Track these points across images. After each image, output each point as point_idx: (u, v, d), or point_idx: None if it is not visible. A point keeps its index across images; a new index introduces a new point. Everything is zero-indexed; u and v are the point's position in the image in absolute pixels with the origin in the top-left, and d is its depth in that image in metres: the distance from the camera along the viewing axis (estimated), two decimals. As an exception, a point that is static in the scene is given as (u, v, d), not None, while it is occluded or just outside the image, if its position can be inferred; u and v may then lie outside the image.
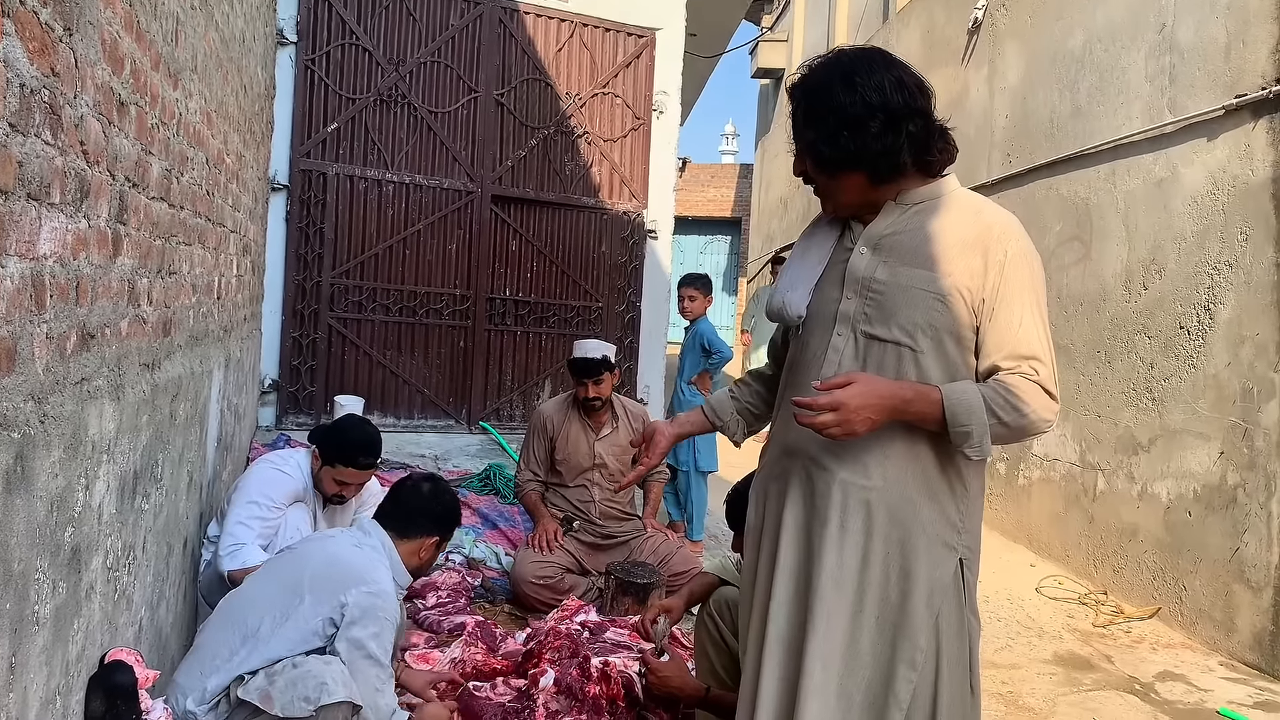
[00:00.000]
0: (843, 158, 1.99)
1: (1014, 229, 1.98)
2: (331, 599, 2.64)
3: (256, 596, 2.71)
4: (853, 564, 1.98)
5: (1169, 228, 5.33)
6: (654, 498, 5.00)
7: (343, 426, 3.64)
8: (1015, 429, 1.91)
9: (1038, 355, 1.92)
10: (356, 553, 2.79)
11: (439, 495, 3.01)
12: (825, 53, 2.09)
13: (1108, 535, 5.73)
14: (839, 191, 2.06)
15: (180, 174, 2.84)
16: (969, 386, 1.91)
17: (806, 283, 2.13)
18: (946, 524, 1.98)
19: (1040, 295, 1.97)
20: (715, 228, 21.45)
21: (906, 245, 2.00)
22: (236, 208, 4.37)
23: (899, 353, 1.98)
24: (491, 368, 7.23)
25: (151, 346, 2.54)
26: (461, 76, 7.00)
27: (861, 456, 1.98)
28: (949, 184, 2.06)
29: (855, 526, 1.98)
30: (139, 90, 2.21)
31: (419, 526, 2.94)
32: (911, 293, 1.96)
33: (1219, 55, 4.97)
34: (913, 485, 1.97)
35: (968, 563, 2.00)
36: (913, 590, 1.94)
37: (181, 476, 3.10)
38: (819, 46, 14.30)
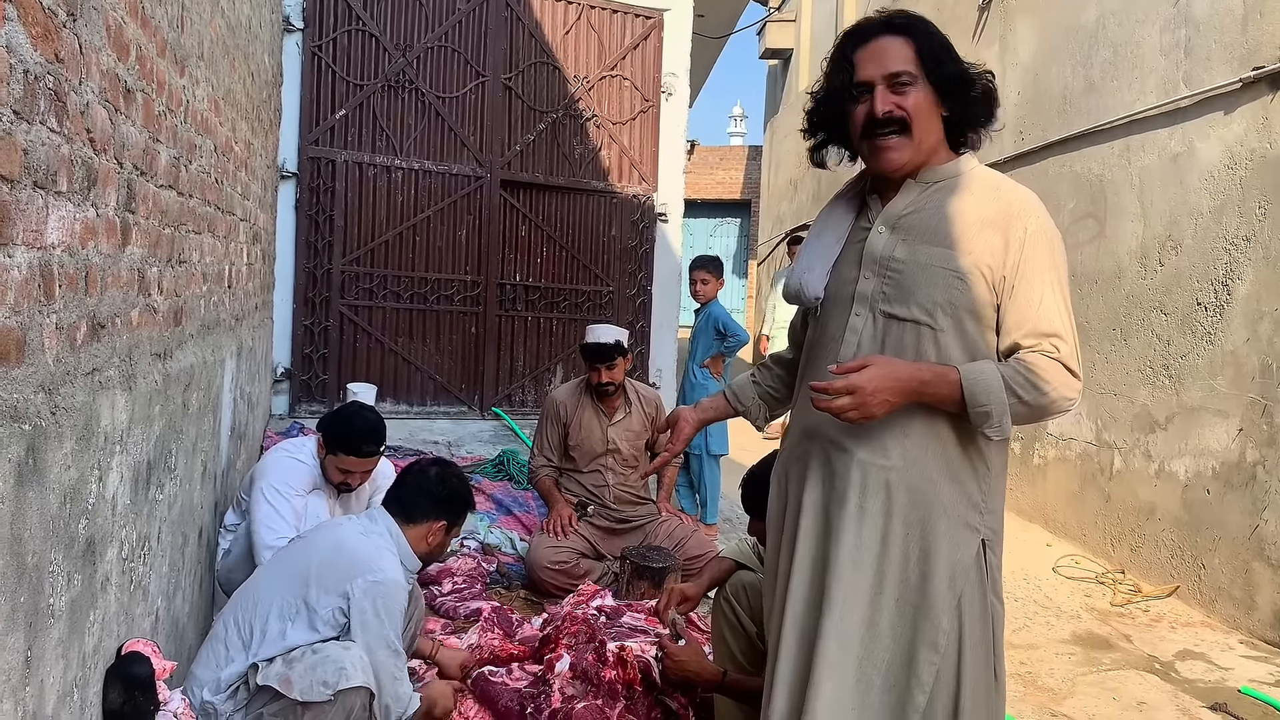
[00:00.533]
0: (957, 102, 1.98)
1: (1034, 205, 1.96)
2: (337, 588, 2.64)
3: (268, 586, 2.70)
4: (872, 545, 1.96)
5: (1185, 203, 5.27)
6: (668, 481, 4.99)
7: (343, 415, 3.61)
8: (1036, 408, 1.89)
9: (1059, 332, 1.89)
10: (362, 540, 2.77)
11: (445, 479, 2.98)
12: (902, 9, 2.08)
13: (1125, 514, 5.70)
14: (930, 136, 1.99)
15: (189, 162, 2.82)
16: (987, 366, 1.88)
17: (824, 263, 2.10)
18: (968, 504, 1.95)
19: (1061, 272, 1.95)
20: (725, 210, 21.37)
21: (926, 224, 1.98)
22: (246, 195, 4.35)
23: (918, 332, 1.95)
24: (503, 353, 7.22)
25: (163, 336, 2.52)
26: (469, 61, 6.97)
27: (880, 436, 1.95)
28: (967, 162, 2.04)
29: (874, 507, 1.96)
30: (145, 77, 2.19)
31: (424, 511, 2.91)
32: (931, 271, 1.94)
33: (1235, 27, 4.90)
34: (933, 465, 1.94)
35: (990, 544, 1.98)
36: (934, 571, 1.92)
37: (195, 466, 3.10)
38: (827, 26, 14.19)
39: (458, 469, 3.09)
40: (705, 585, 3.10)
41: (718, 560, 3.16)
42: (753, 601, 3.01)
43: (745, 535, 3.16)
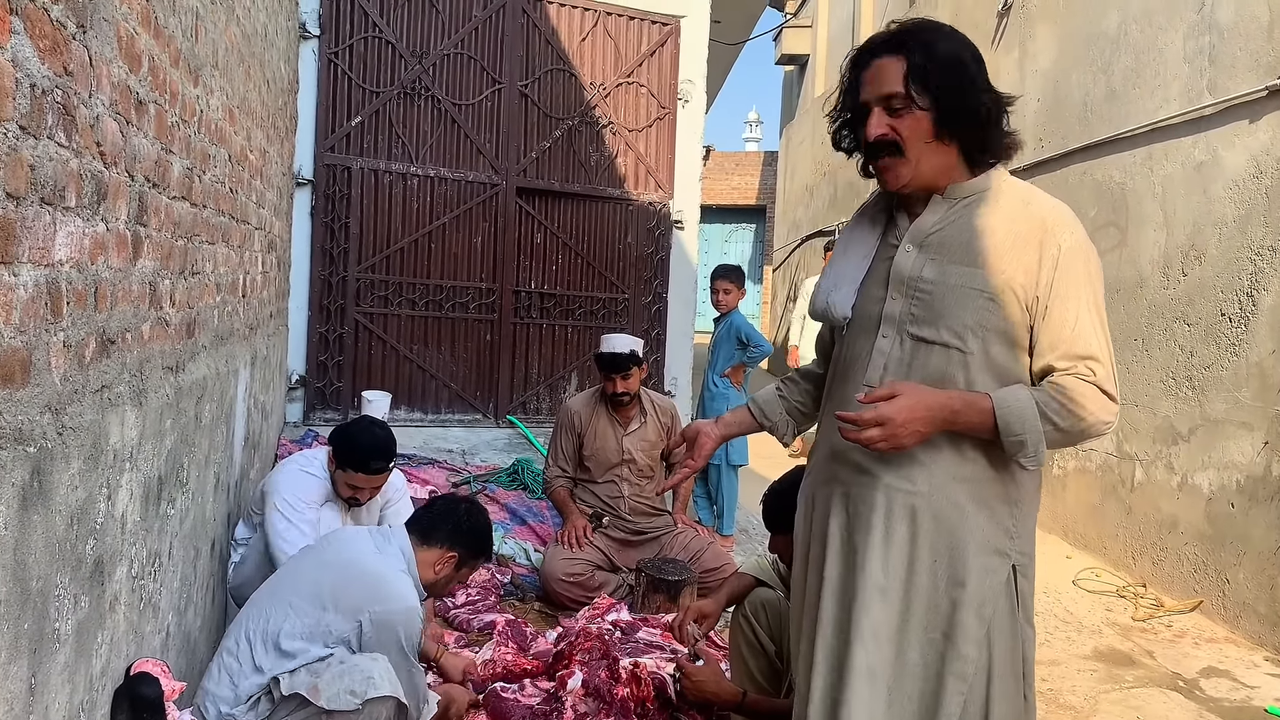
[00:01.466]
0: (959, 111, 1.89)
1: (1067, 221, 1.90)
2: (354, 615, 2.61)
3: (282, 600, 2.66)
4: (899, 573, 1.91)
5: (1209, 212, 5.19)
6: (684, 493, 4.94)
7: (352, 431, 3.57)
8: (1072, 433, 1.84)
9: (1094, 354, 1.83)
10: (376, 561, 2.74)
11: (471, 514, 2.96)
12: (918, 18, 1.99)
13: (1146, 527, 5.62)
14: (928, 156, 1.91)
15: (202, 172, 2.80)
16: (1020, 392, 1.83)
17: (851, 282, 2.05)
18: (999, 530, 1.90)
19: (1097, 290, 1.88)
20: (740, 216, 21.32)
21: (955, 242, 1.92)
22: (261, 204, 4.33)
23: (947, 355, 1.89)
24: (518, 361, 7.19)
25: (175, 349, 2.50)
26: (485, 68, 6.94)
27: (906, 462, 1.91)
28: (996, 176, 1.97)
29: (900, 534, 1.91)
30: (158, 88, 2.16)
31: (441, 536, 2.87)
32: (961, 292, 1.88)
33: (1261, 34, 4.83)
34: (961, 491, 1.89)
35: (1021, 569, 1.92)
36: (963, 599, 1.87)
37: (208, 478, 3.07)
38: (844, 32, 14.14)
39: (484, 511, 3.05)
40: (724, 601, 3.05)
41: (737, 576, 3.11)
42: (772, 620, 2.96)
43: (764, 551, 3.11)
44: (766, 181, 20.39)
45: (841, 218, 12.75)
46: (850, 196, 12.51)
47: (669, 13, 7.48)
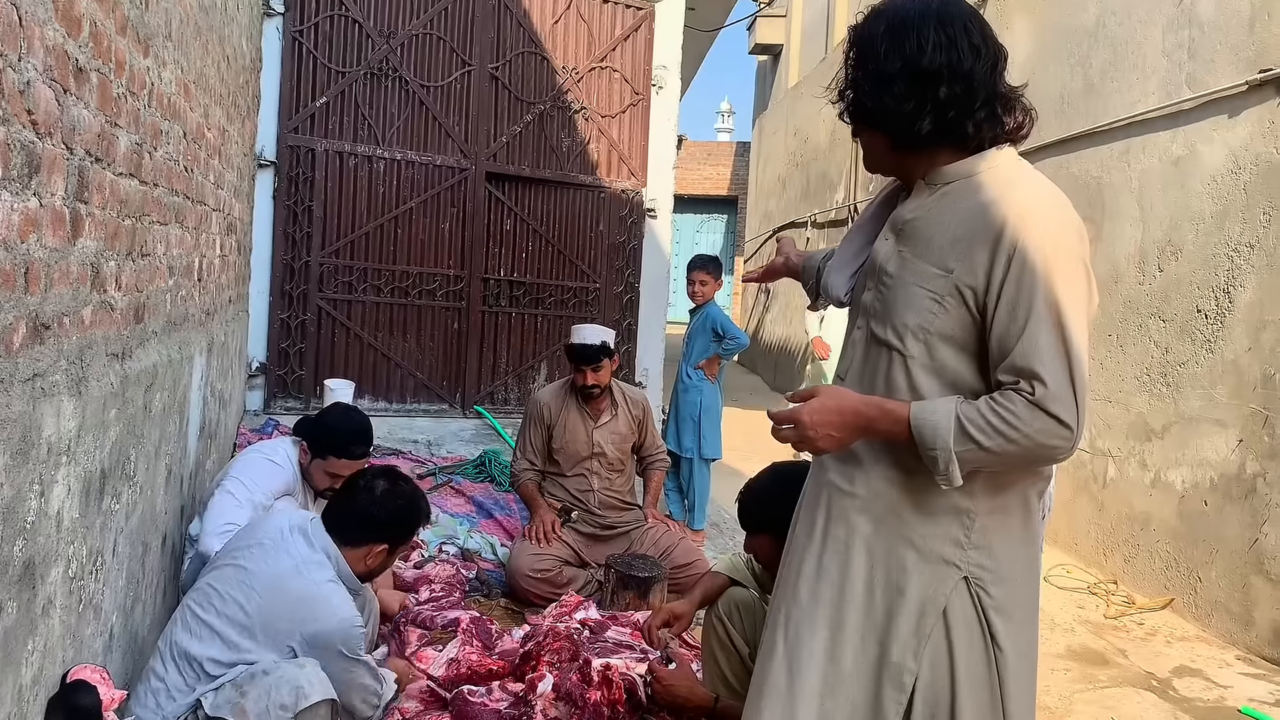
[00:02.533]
0: (862, 113, 1.82)
1: (1039, 215, 1.67)
2: (283, 640, 2.49)
3: (204, 627, 2.50)
4: (832, 574, 1.82)
5: (1186, 208, 5.15)
6: (654, 486, 4.83)
7: (331, 417, 3.47)
8: (1002, 454, 1.64)
9: (1037, 370, 1.61)
10: (300, 582, 2.56)
11: (390, 499, 2.74)
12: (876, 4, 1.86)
13: (1118, 524, 5.59)
14: (867, 149, 1.90)
15: (153, 148, 2.65)
16: (943, 405, 1.67)
17: (849, 266, 1.97)
18: (944, 540, 1.75)
19: (1062, 296, 1.63)
20: (711, 206, 21.25)
21: (922, 234, 1.78)
22: (219, 185, 4.18)
23: (890, 357, 1.78)
24: (486, 350, 7.05)
25: (121, 335, 2.36)
26: (455, 49, 6.78)
27: (850, 463, 1.83)
28: (989, 160, 1.77)
29: (837, 534, 1.83)
30: (101, 55, 2.02)
31: (362, 536, 2.70)
32: (911, 290, 1.75)
33: (1242, 28, 4.79)
34: (901, 498, 1.78)
35: (980, 583, 1.75)
36: (899, 607, 1.76)
37: (159, 471, 2.93)
38: (819, 22, 14.07)
39: (407, 485, 2.83)
40: (697, 602, 2.95)
41: (710, 576, 3.01)
42: (745, 620, 2.87)
43: (738, 549, 3.01)
44: (738, 172, 20.33)
45: (814, 209, 12.69)
46: (823, 188, 12.45)
47: (643, -3, 7.35)
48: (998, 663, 1.77)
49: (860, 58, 1.81)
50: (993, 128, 1.76)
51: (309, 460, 3.47)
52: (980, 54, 1.72)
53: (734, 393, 11.41)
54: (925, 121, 1.73)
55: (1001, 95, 1.76)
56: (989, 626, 1.76)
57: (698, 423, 5.71)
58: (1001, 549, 1.77)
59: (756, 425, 9.99)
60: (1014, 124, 1.79)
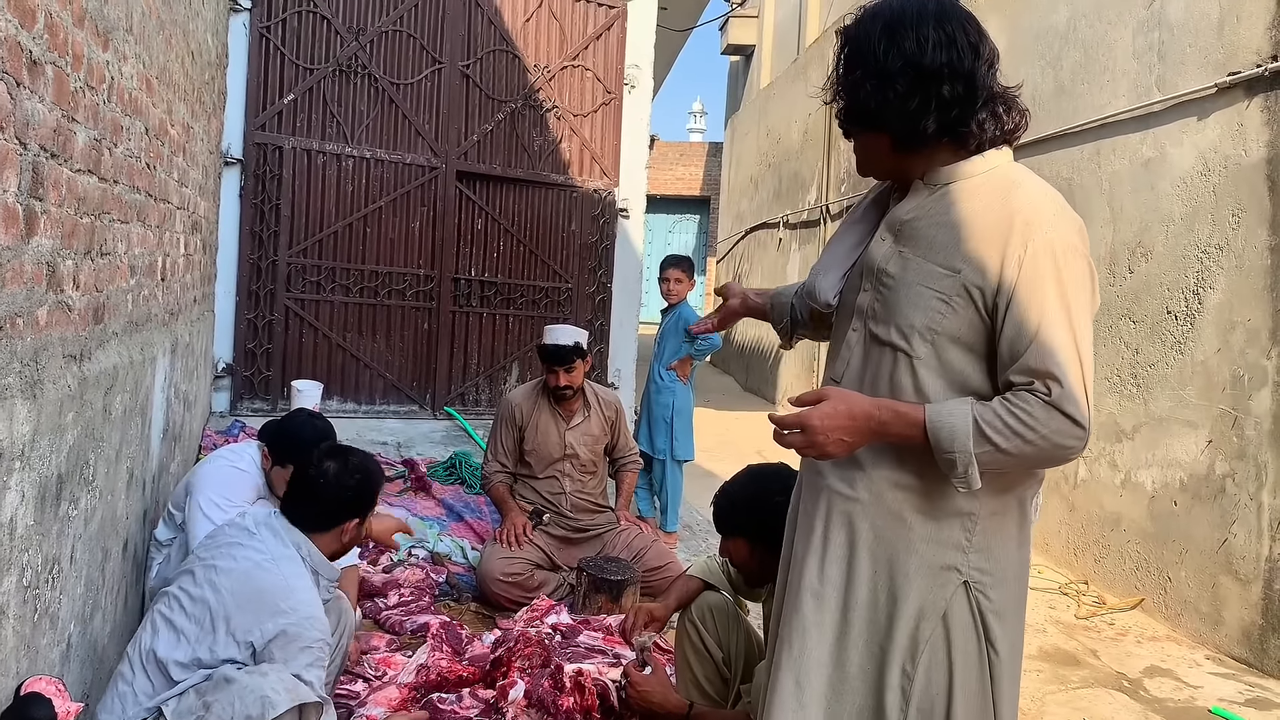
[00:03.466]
0: (862, 114, 1.78)
1: (1045, 217, 1.68)
2: (247, 634, 2.40)
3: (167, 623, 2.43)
4: (836, 580, 1.79)
5: (1156, 209, 5.18)
6: (627, 488, 4.79)
7: (292, 424, 3.40)
8: (1019, 456, 1.64)
9: (1053, 371, 1.61)
10: (269, 574, 2.50)
11: (345, 477, 2.70)
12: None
13: (1089, 524, 5.62)
14: (863, 151, 1.86)
15: (114, 145, 2.58)
16: (958, 407, 1.66)
17: (838, 268, 1.93)
18: (946, 544, 1.74)
19: (1072, 297, 1.65)
20: (684, 207, 21.25)
21: (923, 234, 1.77)
22: (184, 182, 4.09)
23: (895, 358, 1.76)
24: (456, 351, 6.99)
25: (79, 336, 2.29)
26: (425, 46, 6.72)
27: (850, 467, 1.79)
28: (988, 161, 1.76)
29: (838, 541, 1.80)
30: (57, 48, 1.96)
31: (330, 517, 2.68)
32: (916, 290, 1.73)
33: (1211, 31, 4.81)
34: (903, 500, 1.75)
35: (980, 586, 1.75)
36: (900, 613, 1.74)
37: (119, 474, 2.85)
38: (790, 23, 14.09)
39: (355, 457, 2.78)
40: (673, 605, 2.92)
41: (685, 579, 2.98)
42: (719, 625, 2.85)
43: (713, 554, 2.98)
44: (711, 172, 20.34)
45: (786, 210, 12.70)
46: (795, 189, 12.47)
47: (616, -5, 7.32)
48: (991, 665, 1.76)
49: (857, 58, 1.77)
50: (994, 127, 1.75)
51: (270, 466, 3.42)
52: (979, 53, 1.73)
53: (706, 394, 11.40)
54: (929, 120, 1.72)
55: (999, 95, 1.76)
56: (986, 630, 1.75)
57: (670, 424, 5.68)
58: (1000, 552, 1.77)
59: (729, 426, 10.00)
60: (1012, 124, 1.78)
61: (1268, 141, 4.43)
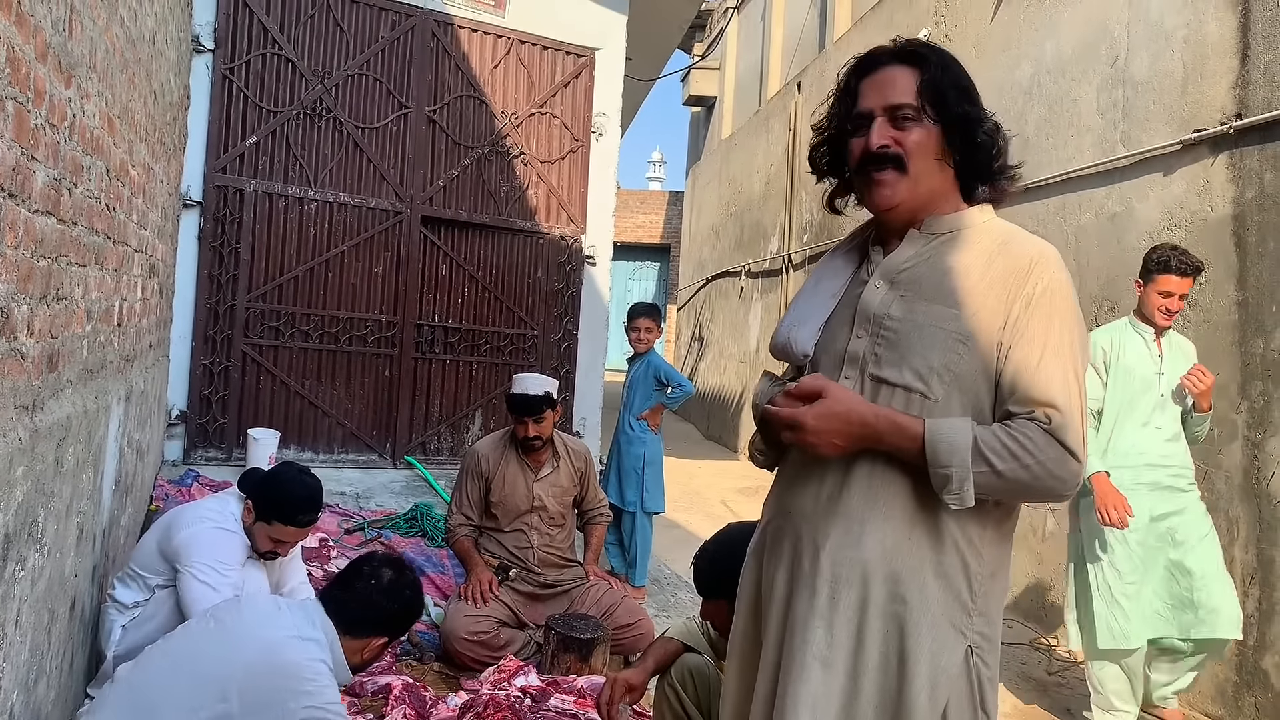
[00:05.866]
0: (963, 144, 1.78)
1: (1049, 262, 1.73)
2: (266, 712, 2.26)
3: (163, 685, 2.28)
4: (845, 643, 1.70)
5: (1122, 263, 5.22)
6: (595, 542, 4.67)
7: (280, 480, 3.26)
8: (1014, 482, 1.64)
9: (1054, 402, 1.64)
10: (296, 649, 2.38)
11: (398, 591, 2.64)
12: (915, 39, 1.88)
13: (1057, 577, 5.57)
14: (930, 178, 1.78)
15: (73, 185, 2.47)
16: (961, 424, 1.65)
17: (816, 319, 1.87)
18: (955, 604, 1.70)
19: (1071, 337, 1.69)
20: (644, 254, 21.30)
21: (927, 279, 1.75)
22: (143, 225, 3.97)
23: (907, 399, 1.72)
24: (419, 398, 6.85)
25: (32, 385, 2.16)
26: (391, 91, 6.66)
27: (857, 521, 1.72)
28: (980, 214, 1.82)
29: (849, 601, 1.71)
30: (18, 83, 1.86)
31: (368, 627, 2.58)
32: (929, 331, 1.71)
33: (1175, 89, 4.88)
34: (916, 556, 1.70)
35: (980, 651, 1.71)
36: (912, 678, 1.66)
37: (69, 530, 2.70)
38: (752, 76, 14.25)
39: (410, 574, 2.73)
40: (650, 670, 2.81)
41: (663, 641, 2.88)
42: (700, 688, 2.75)
43: (693, 616, 2.88)
44: (671, 220, 20.43)
45: (747, 259, 12.75)
46: (756, 238, 12.52)
47: (585, 44, 7.33)
48: None
49: (967, 88, 1.80)
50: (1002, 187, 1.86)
51: (252, 521, 3.28)
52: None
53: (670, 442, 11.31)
54: (997, 176, 1.83)
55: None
56: (982, 699, 1.70)
57: (641, 475, 5.57)
58: (995, 616, 1.75)
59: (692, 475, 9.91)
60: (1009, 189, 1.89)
61: (1233, 198, 4.48)
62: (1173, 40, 4.93)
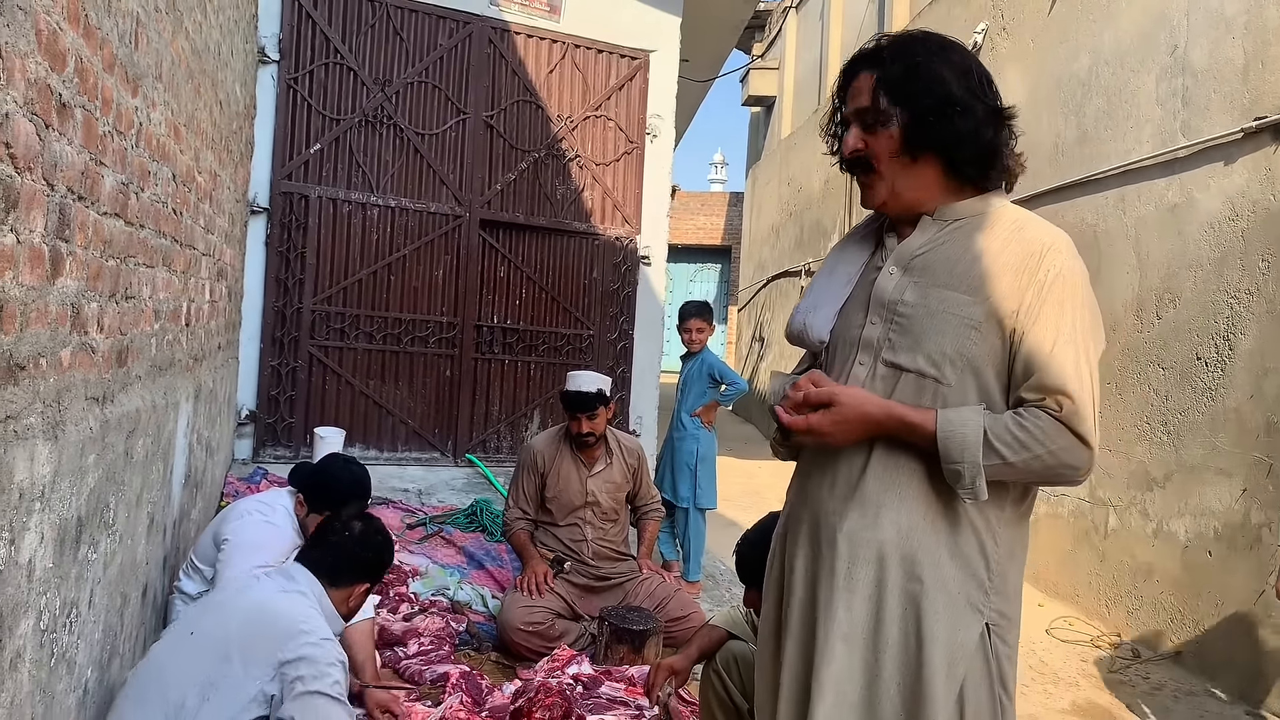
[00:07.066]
0: (932, 135, 1.77)
1: (1061, 247, 1.74)
2: (267, 660, 2.35)
3: (175, 664, 2.37)
4: (864, 621, 1.74)
5: (1183, 255, 5.13)
6: (649, 536, 4.73)
7: (329, 471, 3.37)
8: (1027, 471, 1.66)
9: (1066, 389, 1.65)
10: (285, 599, 2.52)
11: (369, 538, 2.80)
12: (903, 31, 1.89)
13: (1120, 575, 5.50)
14: (901, 175, 1.82)
15: (140, 189, 2.60)
16: (971, 417, 1.67)
17: (831, 304, 1.91)
18: (972, 582, 1.72)
19: (1084, 323, 1.71)
20: (705, 256, 21.32)
21: (940, 265, 1.78)
22: (210, 229, 4.13)
23: (920, 385, 1.74)
24: (479, 398, 6.98)
25: (102, 378, 2.28)
26: (449, 97, 6.80)
27: (873, 504, 1.76)
28: (994, 200, 1.83)
29: (865, 579, 1.74)
30: (87, 92, 1.97)
31: (350, 576, 2.72)
32: (942, 317, 1.73)
33: (1236, 76, 4.80)
34: (931, 536, 1.72)
35: (998, 629, 1.73)
36: (930, 655, 1.69)
37: (140, 519, 2.84)
38: (811, 74, 14.20)
39: (378, 523, 2.91)
40: (695, 657, 2.86)
41: (708, 629, 2.92)
42: (744, 674, 2.78)
43: (737, 603, 2.92)
44: (732, 222, 20.41)
45: (807, 258, 12.71)
46: (816, 237, 12.48)
47: (638, 46, 7.39)
48: (1004, 716, 1.73)
49: (933, 84, 1.77)
50: (1009, 169, 1.85)
51: (305, 513, 3.39)
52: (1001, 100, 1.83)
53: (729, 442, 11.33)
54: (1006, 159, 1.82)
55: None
56: (1001, 676, 1.72)
57: (694, 471, 5.63)
58: (1013, 595, 1.77)
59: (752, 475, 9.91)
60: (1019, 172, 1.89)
61: (1296, 186, 4.39)
62: (1233, 27, 4.84)
